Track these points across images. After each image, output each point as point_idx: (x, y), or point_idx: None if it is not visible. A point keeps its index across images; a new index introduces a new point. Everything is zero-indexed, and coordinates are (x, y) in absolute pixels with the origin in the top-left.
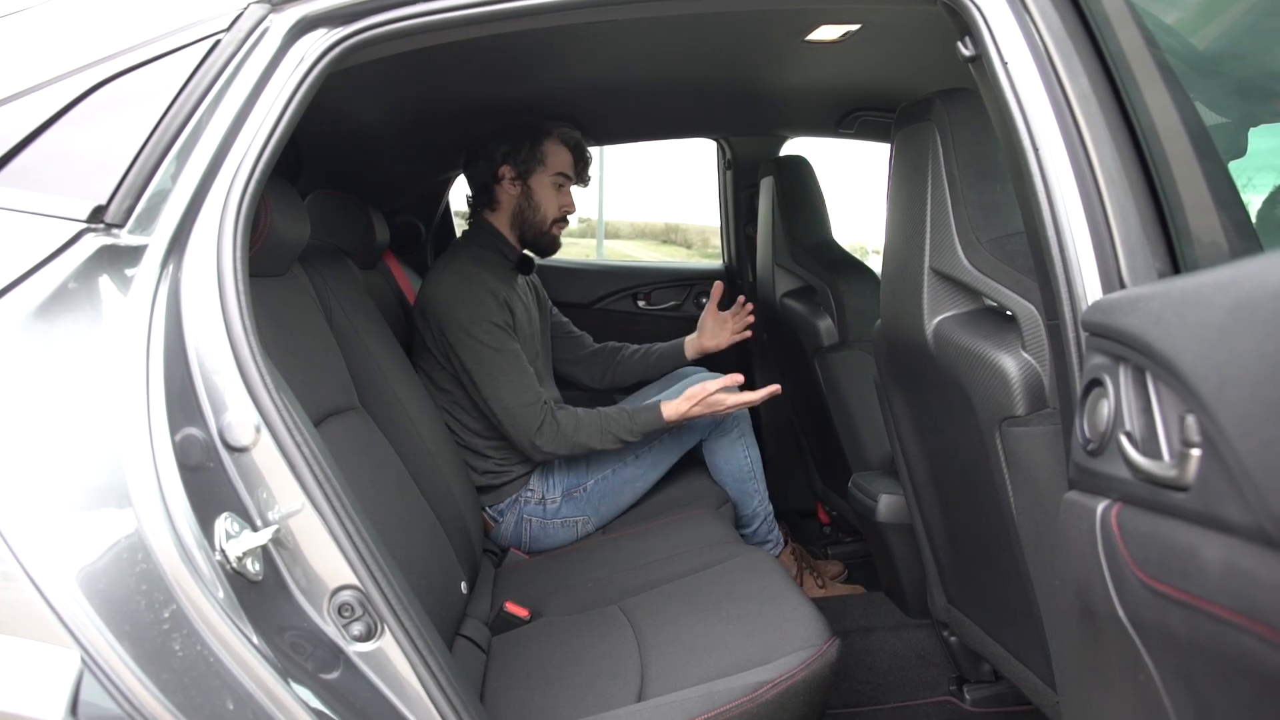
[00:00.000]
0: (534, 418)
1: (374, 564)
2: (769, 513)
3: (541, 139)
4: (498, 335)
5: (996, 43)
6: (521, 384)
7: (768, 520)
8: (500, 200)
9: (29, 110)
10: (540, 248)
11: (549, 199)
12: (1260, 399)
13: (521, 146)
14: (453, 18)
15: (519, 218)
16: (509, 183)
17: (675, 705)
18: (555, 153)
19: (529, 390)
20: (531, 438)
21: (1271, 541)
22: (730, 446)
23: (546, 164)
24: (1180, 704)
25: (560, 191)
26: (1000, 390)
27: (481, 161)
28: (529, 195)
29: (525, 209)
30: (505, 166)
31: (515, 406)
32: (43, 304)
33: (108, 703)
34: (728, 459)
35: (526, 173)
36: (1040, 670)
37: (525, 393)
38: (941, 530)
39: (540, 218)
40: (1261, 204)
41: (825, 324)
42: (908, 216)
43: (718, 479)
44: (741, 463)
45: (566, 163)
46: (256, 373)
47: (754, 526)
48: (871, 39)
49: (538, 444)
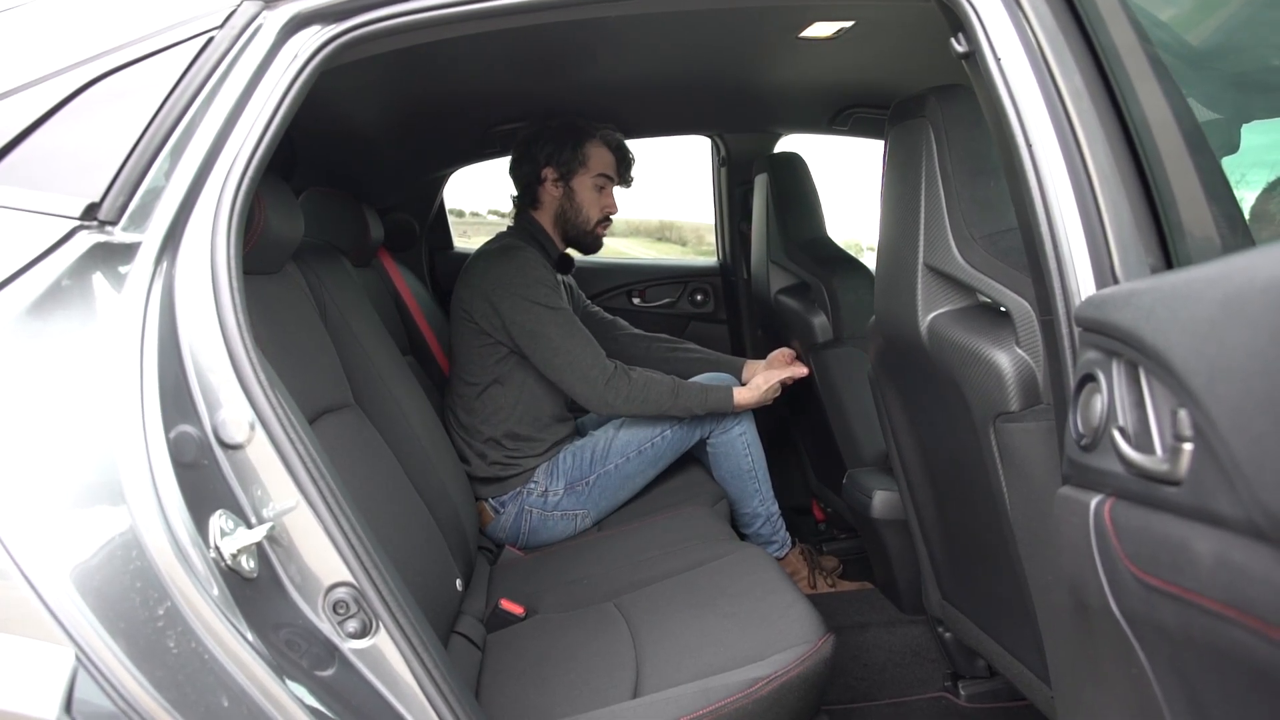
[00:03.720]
0: (604, 370)
1: (369, 561)
2: (772, 513)
3: (584, 141)
4: (554, 298)
5: (990, 39)
6: (587, 339)
7: (771, 520)
8: (543, 201)
9: (22, 107)
10: (584, 247)
11: (591, 200)
12: (1251, 393)
13: (564, 148)
14: (444, 15)
15: (562, 218)
16: (551, 184)
17: (670, 701)
18: (597, 154)
19: (593, 344)
20: (601, 391)
21: (1262, 535)
22: (731, 445)
23: (589, 165)
24: (1173, 697)
25: (602, 193)
26: (994, 386)
27: (525, 163)
28: (571, 196)
29: (568, 209)
30: (548, 168)
31: (584, 360)
32: (36, 301)
33: (102, 700)
34: (728, 455)
35: (569, 174)
36: (1035, 665)
37: (591, 345)
38: (936, 526)
39: (583, 218)
40: (1254, 200)
41: (820, 320)
42: (902, 213)
43: (716, 475)
44: (742, 462)
45: (609, 164)
46: (251, 370)
47: (755, 526)
48: (865, 35)
49: (607, 398)
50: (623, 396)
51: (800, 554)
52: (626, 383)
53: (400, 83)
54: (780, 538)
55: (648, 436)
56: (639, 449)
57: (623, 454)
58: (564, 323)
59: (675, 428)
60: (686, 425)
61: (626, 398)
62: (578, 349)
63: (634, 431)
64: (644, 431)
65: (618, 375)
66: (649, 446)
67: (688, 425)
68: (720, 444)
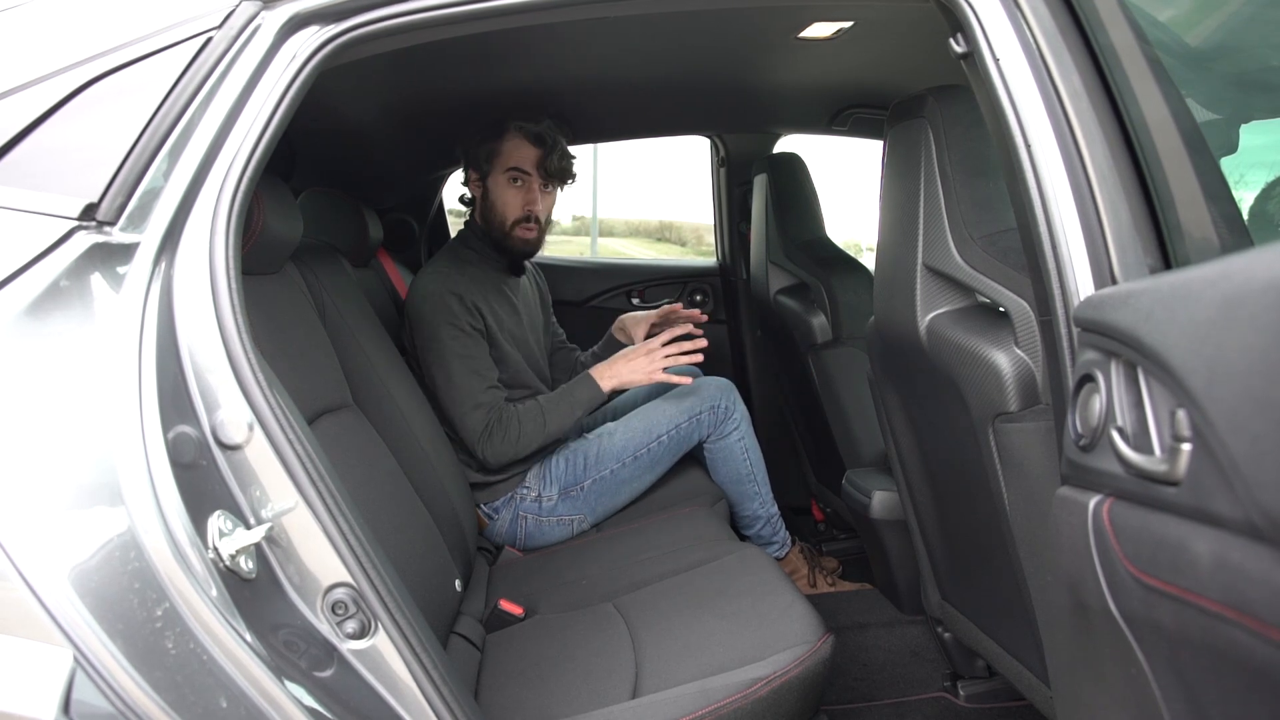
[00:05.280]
0: (478, 422)
1: (367, 562)
2: (772, 515)
3: (498, 135)
4: (457, 338)
5: (988, 39)
6: (467, 388)
7: (771, 522)
8: (475, 202)
9: (20, 107)
10: (505, 249)
11: (506, 198)
12: (1249, 393)
13: (479, 146)
14: (443, 15)
15: (485, 219)
16: (474, 184)
17: (670, 702)
18: (513, 148)
19: (470, 397)
20: (474, 444)
21: (1260, 535)
22: (729, 449)
23: (501, 159)
24: (1171, 697)
25: (519, 188)
26: (993, 386)
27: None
28: (487, 195)
29: (486, 210)
30: (470, 169)
31: (459, 413)
32: (34, 302)
33: (100, 701)
34: (726, 460)
35: (486, 172)
36: (1034, 665)
37: (467, 399)
38: (935, 526)
39: (499, 219)
40: (1253, 200)
41: (819, 321)
42: (901, 213)
43: (715, 479)
44: (740, 466)
45: (526, 157)
46: (249, 370)
47: (755, 528)
48: (864, 36)
49: (484, 454)
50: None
51: (800, 553)
52: (501, 436)
53: (400, 83)
54: (780, 538)
55: (643, 441)
56: (634, 454)
57: (618, 459)
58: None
59: (672, 431)
60: (683, 429)
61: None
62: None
63: (630, 436)
64: (640, 436)
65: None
66: (645, 451)
67: (684, 429)
68: (718, 449)
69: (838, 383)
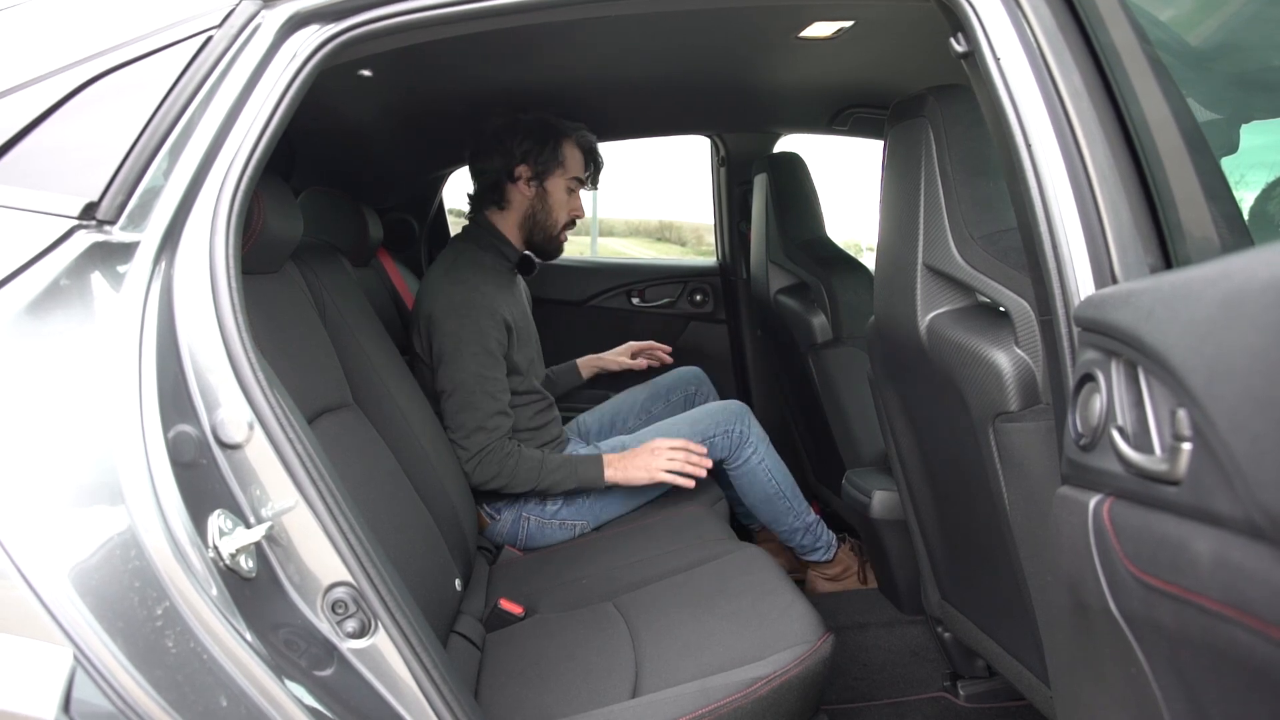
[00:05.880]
0: (476, 444)
1: (367, 561)
2: (809, 523)
3: (561, 140)
4: (479, 357)
5: (989, 39)
6: (478, 408)
7: (810, 530)
8: (511, 200)
9: (20, 106)
10: (546, 252)
11: (562, 203)
12: (1250, 392)
13: (544, 146)
14: (443, 14)
15: (530, 220)
16: (524, 183)
17: (670, 701)
18: (573, 155)
19: (478, 418)
20: (465, 460)
21: (1261, 534)
22: (752, 473)
23: (565, 166)
24: (1171, 696)
25: (572, 196)
26: (993, 386)
27: (496, 157)
28: (544, 198)
29: (539, 211)
30: (523, 166)
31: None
32: (34, 301)
33: (100, 700)
34: (752, 484)
35: (544, 174)
36: (1034, 665)
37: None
38: (935, 526)
39: (552, 221)
40: (1254, 200)
41: (819, 320)
42: (901, 213)
43: (745, 503)
44: (767, 487)
45: (581, 167)
46: (249, 370)
47: (797, 540)
48: (864, 35)
49: (471, 473)
50: (484, 477)
51: (850, 550)
52: (495, 466)
53: (400, 82)
54: (824, 541)
55: None
56: None
57: None
58: (472, 388)
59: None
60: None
61: (486, 479)
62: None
63: None
64: None
65: (488, 456)
66: None
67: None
68: (742, 475)
69: (838, 382)
